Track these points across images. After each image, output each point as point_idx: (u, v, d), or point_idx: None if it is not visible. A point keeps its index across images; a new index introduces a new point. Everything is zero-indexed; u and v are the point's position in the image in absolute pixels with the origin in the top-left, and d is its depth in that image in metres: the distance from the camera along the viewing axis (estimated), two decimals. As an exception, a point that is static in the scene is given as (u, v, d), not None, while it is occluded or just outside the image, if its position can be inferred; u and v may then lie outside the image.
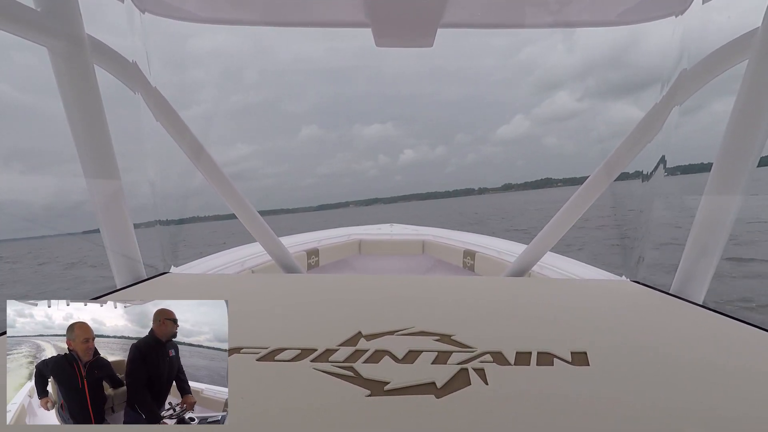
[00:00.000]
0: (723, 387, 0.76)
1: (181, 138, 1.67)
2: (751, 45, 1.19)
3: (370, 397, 0.71)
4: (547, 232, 1.76)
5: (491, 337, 0.97)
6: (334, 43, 7.60)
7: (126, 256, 1.52)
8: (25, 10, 1.11)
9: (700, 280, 1.35)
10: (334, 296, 1.39)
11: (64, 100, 1.27)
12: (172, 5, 1.61)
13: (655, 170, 1.58)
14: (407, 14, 1.54)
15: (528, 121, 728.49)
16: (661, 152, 1.56)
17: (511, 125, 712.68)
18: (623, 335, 1.02)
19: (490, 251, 3.07)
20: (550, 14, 1.62)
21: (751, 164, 1.21)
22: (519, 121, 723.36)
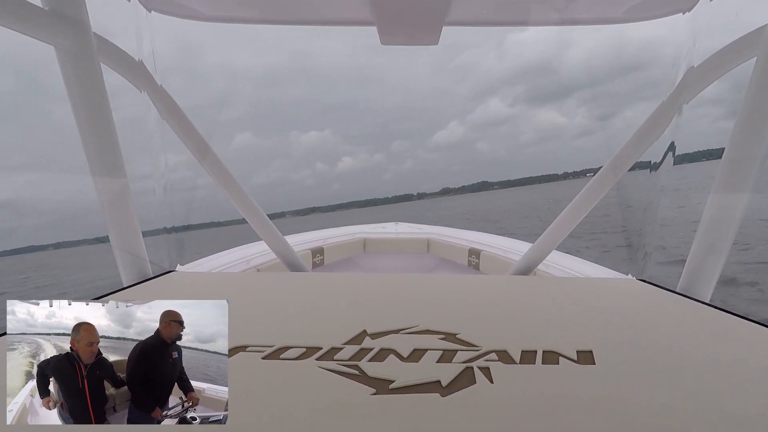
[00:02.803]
0: (730, 385, 0.75)
1: (188, 137, 1.67)
2: (759, 42, 1.18)
3: (375, 395, 0.71)
4: (553, 230, 1.75)
5: (496, 336, 0.96)
6: (266, 45, 7.29)
7: (132, 254, 1.53)
8: (32, 8, 1.12)
9: (707, 279, 1.34)
10: (339, 295, 1.39)
11: (71, 98, 1.28)
12: (177, 3, 1.62)
13: (661, 164, 1.57)
14: (412, 12, 1.53)
15: (463, 126, 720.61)
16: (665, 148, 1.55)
17: (446, 131, 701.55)
18: (629, 334, 1.01)
19: (495, 250, 3.06)
20: (556, 11, 1.61)
21: (759, 162, 1.20)
22: (454, 127, 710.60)
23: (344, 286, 1.51)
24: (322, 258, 3.30)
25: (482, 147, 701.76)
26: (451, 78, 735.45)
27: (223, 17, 1.67)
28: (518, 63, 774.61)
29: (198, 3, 1.62)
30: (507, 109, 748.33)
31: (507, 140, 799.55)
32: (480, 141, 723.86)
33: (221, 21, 1.67)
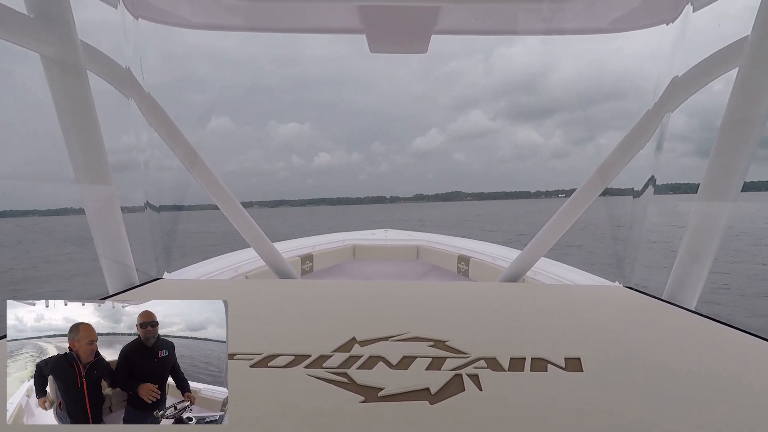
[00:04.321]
0: (714, 393, 0.76)
1: (175, 144, 1.66)
2: (741, 52, 1.21)
3: (364, 403, 0.71)
4: (542, 238, 1.76)
5: (485, 343, 0.97)
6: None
7: (119, 262, 1.51)
8: (18, 16, 1.10)
9: (692, 286, 1.36)
10: (329, 302, 1.39)
11: (56, 106, 1.26)
12: (165, 11, 1.61)
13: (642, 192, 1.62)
14: (401, 21, 1.55)
15: (443, 135, 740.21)
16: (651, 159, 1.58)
17: (426, 138, 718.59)
18: (617, 341, 1.02)
19: (484, 257, 3.07)
20: (543, 21, 1.63)
21: (742, 171, 1.22)
22: (434, 134, 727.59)
23: (333, 293, 1.51)
24: (311, 265, 3.29)
25: (459, 157, 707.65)
26: (436, 86, 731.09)
27: (211, 25, 1.67)
28: (503, 78, 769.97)
29: (186, 11, 1.61)
30: (488, 122, 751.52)
31: (484, 153, 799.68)
32: (458, 151, 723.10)
33: (209, 29, 1.66)
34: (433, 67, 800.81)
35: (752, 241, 13.41)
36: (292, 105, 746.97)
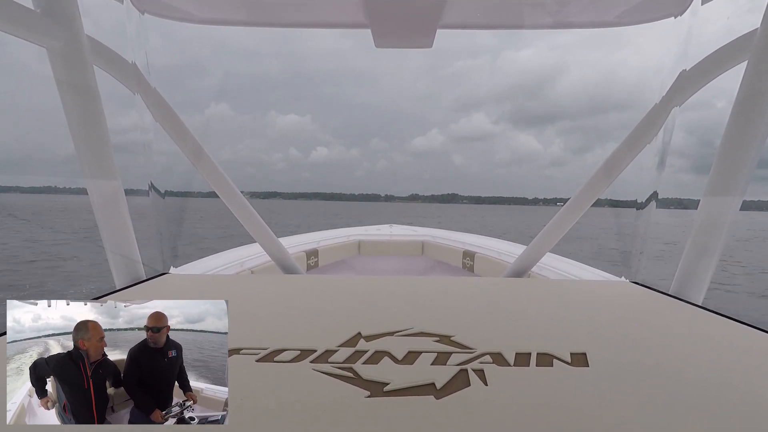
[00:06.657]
0: (721, 388, 0.76)
1: (181, 139, 1.66)
2: (750, 46, 1.19)
3: (369, 398, 0.71)
4: (547, 233, 1.75)
5: (491, 338, 0.97)
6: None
7: (125, 257, 1.52)
8: (24, 10, 1.11)
9: (699, 281, 1.35)
10: (334, 297, 1.39)
11: (63, 100, 1.27)
12: (171, 6, 1.61)
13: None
14: (406, 15, 1.54)
15: (443, 136, 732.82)
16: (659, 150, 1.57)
17: (426, 138, 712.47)
18: (623, 336, 1.02)
19: (489, 252, 3.07)
20: (550, 15, 1.62)
21: (750, 166, 1.21)
22: (434, 135, 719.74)
23: (339, 289, 1.51)
24: (317, 260, 3.29)
25: (457, 159, 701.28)
26: (440, 85, 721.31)
27: (216, 20, 1.66)
28: (509, 81, 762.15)
29: (191, 5, 1.61)
30: (490, 126, 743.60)
31: (482, 156, 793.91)
32: (456, 153, 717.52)
33: (214, 23, 1.66)
34: (438, 66, 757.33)
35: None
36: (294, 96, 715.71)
